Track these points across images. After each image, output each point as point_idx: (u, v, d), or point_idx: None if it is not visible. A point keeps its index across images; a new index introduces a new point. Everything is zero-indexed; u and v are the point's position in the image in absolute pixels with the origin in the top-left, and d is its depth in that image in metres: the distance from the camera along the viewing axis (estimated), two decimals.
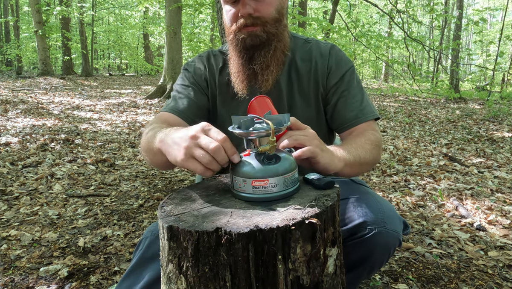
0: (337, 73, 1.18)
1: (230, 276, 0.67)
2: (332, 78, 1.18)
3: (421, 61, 28.10)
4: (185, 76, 1.25)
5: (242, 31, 1.07)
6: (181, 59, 9.86)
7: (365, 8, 20.02)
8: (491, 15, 26.66)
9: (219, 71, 1.23)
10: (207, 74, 1.23)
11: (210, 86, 1.23)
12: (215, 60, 1.25)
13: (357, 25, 7.09)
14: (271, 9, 1.08)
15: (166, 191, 2.85)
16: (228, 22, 1.11)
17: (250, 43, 1.07)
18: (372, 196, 1.02)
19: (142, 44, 22.84)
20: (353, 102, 1.16)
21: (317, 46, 1.22)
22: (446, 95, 8.00)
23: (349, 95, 1.17)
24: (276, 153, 0.83)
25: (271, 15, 1.08)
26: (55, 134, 4.66)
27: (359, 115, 1.14)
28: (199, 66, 1.25)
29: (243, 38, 1.07)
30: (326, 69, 1.19)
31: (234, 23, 1.08)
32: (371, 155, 1.05)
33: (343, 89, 1.17)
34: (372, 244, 0.94)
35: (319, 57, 1.20)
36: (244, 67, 1.11)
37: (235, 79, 1.14)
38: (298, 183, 0.85)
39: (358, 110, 1.15)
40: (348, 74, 1.19)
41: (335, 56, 1.20)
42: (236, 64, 1.12)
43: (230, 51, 1.15)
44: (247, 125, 0.83)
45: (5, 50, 18.37)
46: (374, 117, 1.17)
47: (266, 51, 1.09)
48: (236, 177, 0.82)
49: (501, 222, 2.29)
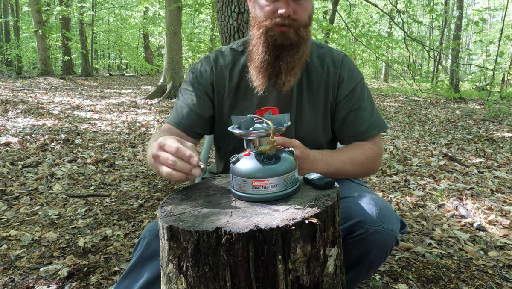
0: (349, 85, 1.19)
1: (230, 276, 0.67)
2: (343, 89, 1.18)
3: (421, 61, 28.09)
4: (189, 81, 1.23)
5: (275, 29, 1.07)
6: (181, 59, 9.86)
7: (365, 8, 20.02)
8: (491, 15, 26.65)
9: (229, 71, 1.21)
10: (213, 77, 1.21)
11: (217, 90, 1.20)
12: (224, 60, 1.22)
13: (357, 25, 7.09)
14: (306, 14, 1.09)
15: (166, 191, 2.85)
16: (261, 15, 1.09)
17: (280, 42, 1.07)
18: (369, 195, 1.02)
19: (142, 44, 22.83)
20: (364, 115, 1.17)
21: (330, 54, 1.22)
22: (446, 95, 8.00)
23: (359, 109, 1.18)
24: (276, 153, 0.83)
25: (305, 19, 1.09)
26: (55, 134, 4.66)
27: (368, 130, 1.17)
28: (205, 69, 1.22)
29: (275, 37, 1.07)
30: (338, 79, 1.19)
31: (269, 19, 1.07)
32: (358, 168, 1.13)
33: (354, 103, 1.18)
34: (369, 243, 0.94)
35: (332, 65, 1.20)
36: (268, 63, 1.09)
37: (255, 74, 1.13)
38: (298, 183, 0.85)
39: (368, 124, 1.17)
40: (359, 86, 1.20)
41: (348, 67, 1.20)
42: (260, 59, 1.10)
43: (255, 44, 1.12)
44: (247, 125, 0.84)
45: (5, 50, 18.36)
46: (383, 130, 1.20)
47: (294, 53, 1.09)
48: (236, 177, 0.82)
49: (501, 222, 2.29)
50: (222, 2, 2.40)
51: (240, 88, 1.19)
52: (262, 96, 1.16)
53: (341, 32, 7.36)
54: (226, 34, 2.42)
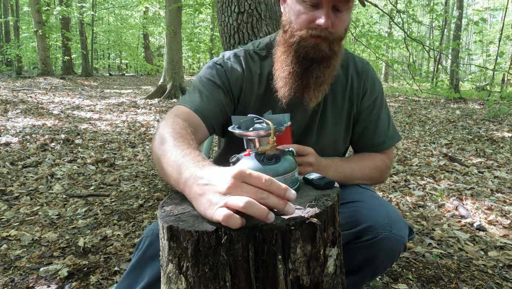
0: (371, 97, 1.18)
1: (230, 276, 0.67)
2: (366, 100, 1.17)
3: (421, 61, 28.09)
4: (218, 74, 1.09)
5: (309, 40, 0.98)
6: (181, 59, 9.86)
7: (365, 8, 20.02)
8: (491, 15, 26.65)
9: (259, 76, 1.12)
10: (244, 79, 1.11)
11: (244, 95, 1.11)
12: (255, 65, 1.13)
13: (357, 25, 7.09)
14: (343, 28, 1.02)
15: (166, 191, 2.85)
16: (296, 23, 1.00)
17: (312, 55, 0.99)
18: (378, 200, 1.02)
19: (142, 44, 22.83)
20: (382, 126, 1.18)
21: (353, 62, 1.18)
22: (446, 95, 8.00)
23: (379, 120, 1.18)
24: (276, 153, 0.83)
25: (341, 33, 1.02)
26: (55, 134, 4.66)
27: (386, 141, 1.18)
28: (236, 67, 1.11)
29: (307, 48, 0.99)
30: (361, 90, 1.17)
31: (305, 29, 0.98)
32: (367, 178, 1.14)
33: (374, 114, 1.18)
34: (377, 248, 0.94)
35: (355, 74, 1.17)
36: (296, 76, 1.02)
37: (281, 85, 1.04)
38: (298, 183, 0.84)
39: (385, 136, 1.18)
40: (379, 97, 1.19)
41: (371, 77, 1.18)
42: (288, 70, 1.03)
43: (283, 52, 1.04)
44: (247, 125, 0.83)
45: (5, 50, 18.37)
46: (398, 142, 1.22)
47: (325, 67, 1.02)
48: None
49: (501, 222, 2.29)
50: (222, 2, 2.40)
51: (265, 97, 1.12)
52: (286, 108, 1.09)
53: None
54: (226, 34, 2.42)
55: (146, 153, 4.04)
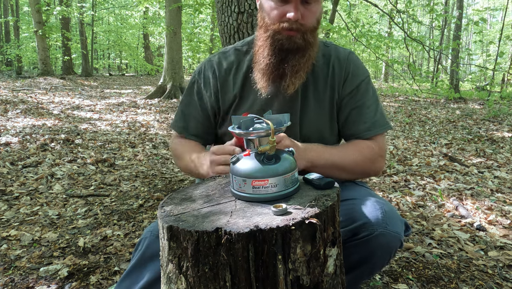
0: (353, 82, 1.17)
1: (230, 276, 0.67)
2: (348, 86, 1.17)
3: (421, 61, 28.09)
4: (195, 91, 1.24)
5: (282, 33, 1.05)
6: (181, 59, 9.86)
7: (365, 8, 20.01)
8: (491, 15, 26.65)
9: (234, 73, 1.20)
10: (217, 84, 1.20)
11: (221, 96, 1.21)
12: (228, 62, 1.22)
13: (357, 25, 7.09)
14: (314, 18, 1.08)
15: (166, 191, 2.85)
16: (268, 18, 1.08)
17: (287, 47, 1.06)
18: (373, 197, 1.02)
19: (142, 44, 22.82)
20: (367, 113, 1.16)
21: (335, 51, 1.21)
22: (446, 95, 8.00)
23: (363, 106, 1.16)
24: (276, 153, 0.83)
25: (312, 24, 1.08)
26: (55, 134, 4.66)
27: (371, 128, 1.15)
28: (208, 75, 1.22)
29: (281, 41, 1.06)
30: (343, 75, 1.17)
31: (277, 23, 1.05)
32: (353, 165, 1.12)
33: (357, 99, 1.16)
34: (373, 245, 0.94)
35: (337, 62, 1.18)
36: (273, 66, 1.08)
37: (260, 76, 1.12)
38: (298, 183, 0.84)
39: (371, 122, 1.15)
40: (364, 83, 1.18)
41: (353, 64, 1.19)
42: (265, 62, 1.09)
43: (260, 46, 1.11)
44: (247, 125, 0.84)
45: (5, 50, 18.36)
46: (386, 130, 1.17)
47: (300, 56, 1.08)
48: (236, 177, 0.82)
49: (501, 222, 2.29)
50: (222, 2, 2.40)
51: (245, 89, 1.19)
52: (266, 98, 1.15)
53: (341, 32, 7.36)
54: (226, 34, 2.42)
55: (146, 153, 4.04)
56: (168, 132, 5.24)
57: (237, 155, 0.85)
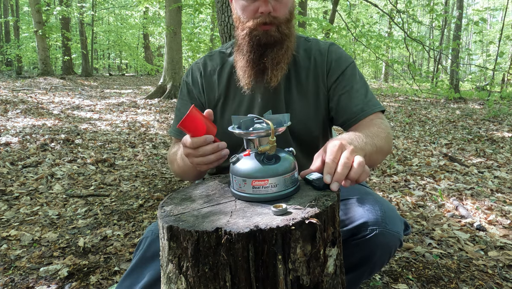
0: (337, 70, 1.18)
1: (230, 276, 0.67)
2: (332, 75, 1.18)
3: (421, 61, 28.09)
4: (185, 91, 1.27)
5: (258, 29, 1.08)
6: (181, 59, 9.86)
7: (365, 8, 20.01)
8: (491, 15, 26.65)
9: (218, 74, 1.23)
10: (203, 82, 1.24)
11: (207, 94, 1.24)
12: (212, 64, 1.25)
13: (357, 25, 7.09)
14: (286, 10, 1.10)
15: (166, 191, 2.85)
16: (243, 17, 1.10)
17: (264, 41, 1.08)
18: (373, 196, 1.02)
19: (142, 44, 22.82)
20: (357, 96, 1.14)
21: (316, 44, 1.22)
22: (446, 95, 8.00)
23: (352, 90, 1.15)
24: (276, 153, 0.83)
25: (285, 15, 1.10)
26: (55, 134, 4.66)
27: (365, 108, 1.12)
28: (196, 75, 1.26)
29: (258, 36, 1.08)
30: (325, 66, 1.18)
31: (251, 19, 1.08)
32: (386, 143, 1.05)
33: (345, 84, 1.16)
34: (373, 245, 0.94)
35: (318, 54, 1.20)
36: (253, 62, 1.10)
37: (242, 73, 1.14)
38: (298, 183, 0.84)
39: (364, 103, 1.13)
40: (349, 69, 1.18)
41: (334, 53, 1.20)
42: (245, 59, 1.12)
43: (239, 45, 1.13)
44: (247, 125, 0.84)
45: (5, 50, 18.37)
46: (380, 110, 1.15)
47: (279, 49, 1.10)
48: (236, 177, 0.82)
49: (501, 222, 2.29)
50: (222, 2, 2.40)
51: (230, 89, 1.21)
52: (250, 94, 1.17)
53: (341, 32, 7.36)
54: (226, 34, 2.42)
55: (146, 153, 4.04)
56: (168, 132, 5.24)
57: (237, 155, 0.85)
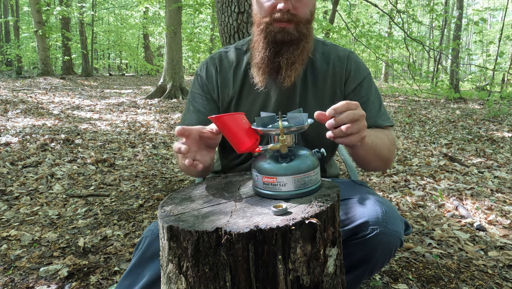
0: (355, 79, 1.18)
1: (230, 276, 0.67)
2: (351, 83, 1.18)
3: (421, 61, 28.08)
4: (199, 84, 1.25)
5: (275, 25, 1.06)
6: (181, 59, 9.86)
7: (365, 8, 20.01)
8: (491, 15, 26.65)
9: (233, 70, 1.22)
10: (218, 78, 1.22)
11: (221, 90, 1.22)
12: (228, 60, 1.23)
13: (357, 25, 7.09)
14: (306, 10, 1.08)
15: (166, 191, 2.85)
16: (261, 12, 1.09)
17: (280, 38, 1.07)
18: (373, 196, 1.02)
19: (142, 44, 22.82)
20: (372, 108, 1.16)
21: (335, 50, 1.22)
22: (446, 95, 8.01)
23: (368, 101, 1.16)
24: (297, 152, 0.83)
25: (306, 15, 1.08)
26: (55, 134, 4.66)
27: (378, 121, 1.15)
28: (211, 70, 1.23)
29: (275, 33, 1.07)
30: (344, 73, 1.18)
31: (268, 15, 1.07)
32: (387, 151, 1.07)
33: (362, 95, 1.17)
34: (373, 244, 0.94)
35: (337, 60, 1.19)
36: (269, 59, 1.09)
37: (256, 70, 1.13)
38: (316, 185, 0.83)
39: (377, 116, 1.15)
40: (366, 80, 1.19)
41: (354, 62, 1.20)
42: (260, 56, 1.10)
43: (256, 41, 1.12)
44: (263, 123, 0.85)
45: (5, 50, 18.37)
46: (390, 124, 1.18)
47: (294, 49, 1.08)
48: (253, 170, 0.84)
49: (501, 222, 2.29)
50: (222, 2, 2.40)
51: (244, 86, 1.20)
52: (264, 92, 1.16)
53: (341, 32, 7.36)
54: (226, 34, 2.42)
55: (146, 153, 4.04)
56: (168, 132, 5.24)
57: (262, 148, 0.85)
